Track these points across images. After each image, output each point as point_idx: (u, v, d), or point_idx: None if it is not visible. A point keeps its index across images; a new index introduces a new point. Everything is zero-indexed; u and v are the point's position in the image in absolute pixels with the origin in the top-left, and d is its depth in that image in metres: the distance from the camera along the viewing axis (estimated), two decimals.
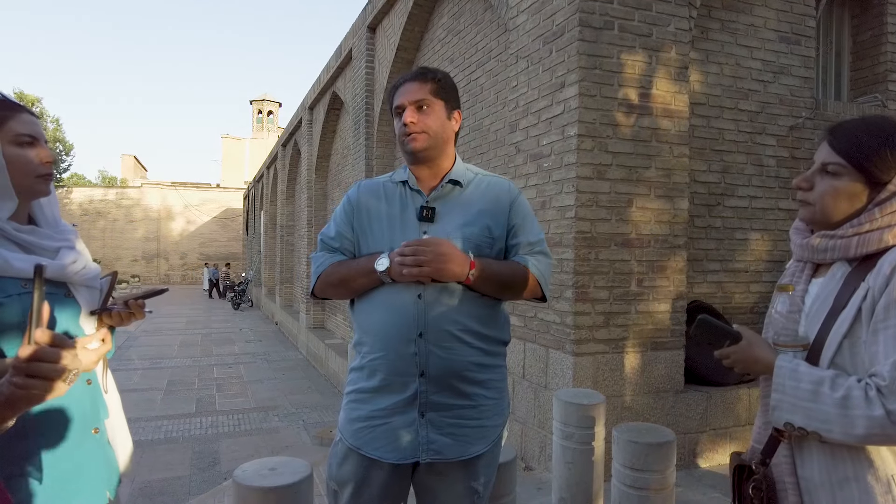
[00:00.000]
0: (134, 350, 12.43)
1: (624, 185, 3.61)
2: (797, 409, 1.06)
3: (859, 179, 1.07)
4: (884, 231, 1.05)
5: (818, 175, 1.12)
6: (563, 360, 3.61)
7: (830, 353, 1.08)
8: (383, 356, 1.47)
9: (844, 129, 1.11)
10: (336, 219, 1.62)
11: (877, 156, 1.06)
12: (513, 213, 1.57)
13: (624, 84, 3.60)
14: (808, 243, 1.14)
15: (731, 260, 4.37)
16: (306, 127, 12.96)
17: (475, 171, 1.64)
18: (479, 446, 1.50)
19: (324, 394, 9.11)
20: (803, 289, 1.19)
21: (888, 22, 4.87)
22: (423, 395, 1.45)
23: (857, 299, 1.06)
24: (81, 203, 33.26)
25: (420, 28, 6.88)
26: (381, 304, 1.48)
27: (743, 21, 4.33)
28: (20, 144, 1.23)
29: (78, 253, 1.34)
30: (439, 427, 1.46)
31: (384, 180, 1.63)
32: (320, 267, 1.57)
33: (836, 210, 1.10)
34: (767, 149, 4.44)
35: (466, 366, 1.47)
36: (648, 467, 2.39)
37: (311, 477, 2.04)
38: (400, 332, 1.44)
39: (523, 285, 1.54)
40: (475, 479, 1.52)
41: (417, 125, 1.51)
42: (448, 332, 1.44)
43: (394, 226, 1.53)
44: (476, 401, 1.49)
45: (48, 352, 0.81)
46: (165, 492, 5.20)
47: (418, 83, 1.54)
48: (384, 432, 1.47)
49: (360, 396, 1.52)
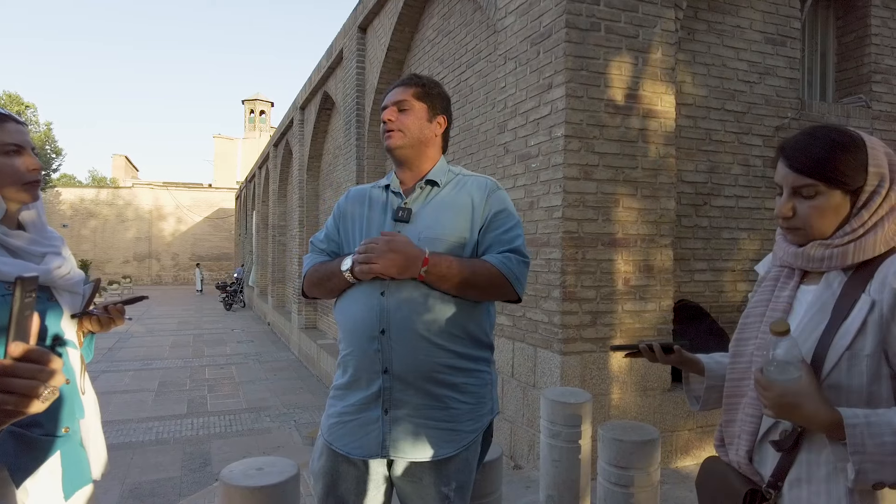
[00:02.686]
0: (125, 351, 12.37)
1: (611, 186, 3.64)
2: (886, 465, 0.97)
3: (835, 192, 1.07)
4: (877, 232, 1.06)
5: (795, 199, 1.11)
6: (551, 358, 3.64)
7: (829, 367, 1.05)
8: (351, 352, 1.52)
9: (798, 148, 1.09)
10: (326, 224, 1.72)
11: (842, 166, 1.06)
12: (487, 208, 1.54)
13: (610, 85, 3.63)
14: (805, 253, 1.12)
15: (718, 259, 4.41)
16: (298, 127, 12.94)
17: (457, 172, 1.64)
18: (447, 449, 1.47)
19: (316, 394, 9.11)
20: (790, 294, 1.17)
21: (872, 24, 4.93)
22: (386, 391, 1.46)
23: (860, 312, 1.04)
24: (72, 203, 33.05)
25: (410, 28, 6.89)
26: (351, 302, 1.53)
27: (729, 22, 4.37)
28: (7, 153, 1.26)
29: (63, 259, 1.38)
30: (402, 425, 1.46)
31: (372, 186, 1.69)
32: (306, 267, 1.66)
33: (826, 225, 1.09)
34: (754, 149, 4.49)
35: (435, 367, 1.45)
36: (633, 465, 2.42)
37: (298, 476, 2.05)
38: (364, 328, 1.47)
39: (489, 284, 1.48)
40: (446, 483, 1.48)
41: (395, 123, 1.58)
42: (413, 331, 1.44)
43: (370, 228, 1.57)
44: (446, 403, 1.47)
45: (20, 367, 0.76)
46: (156, 493, 5.18)
47: (403, 87, 1.63)
48: (352, 428, 1.50)
49: (337, 393, 1.57)
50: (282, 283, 16.52)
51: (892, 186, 1.07)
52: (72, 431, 1.32)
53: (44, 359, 0.79)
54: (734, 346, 1.24)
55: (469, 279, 1.46)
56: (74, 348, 1.38)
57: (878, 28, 4.96)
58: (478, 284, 1.48)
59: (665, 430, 3.74)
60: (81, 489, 1.35)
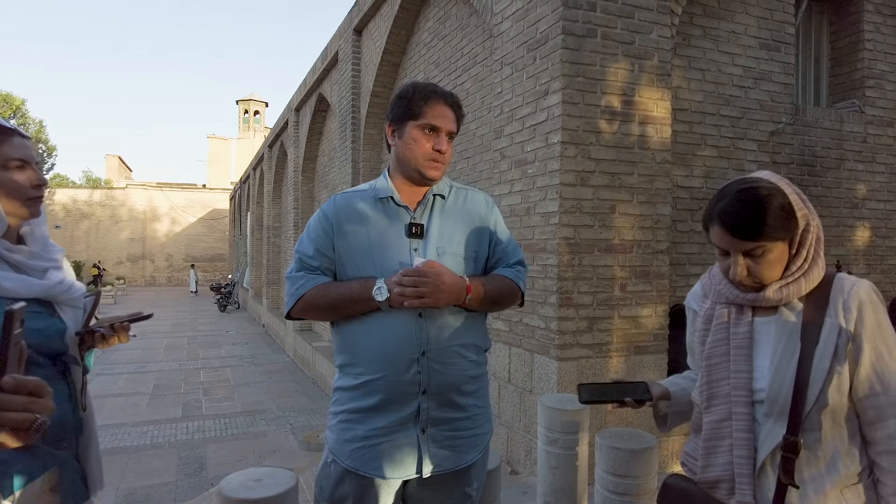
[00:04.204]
0: (119, 354, 12.31)
1: (607, 192, 3.65)
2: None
3: (778, 243, 1.17)
4: (817, 262, 1.19)
5: (748, 261, 1.19)
6: (547, 364, 3.65)
7: (817, 390, 1.13)
8: (382, 377, 1.44)
9: (738, 216, 1.17)
10: (312, 236, 1.54)
11: (780, 222, 1.15)
12: (492, 223, 1.63)
13: (607, 91, 3.64)
14: (764, 297, 1.20)
15: (713, 263, 4.42)
16: (293, 128, 12.91)
17: (448, 183, 1.65)
18: (472, 454, 1.53)
19: (311, 397, 9.09)
20: (747, 329, 1.23)
21: (865, 29, 4.97)
22: (424, 412, 1.46)
23: (830, 336, 1.15)
24: (65, 204, 32.89)
25: (406, 31, 6.89)
26: (378, 326, 1.45)
27: (724, 28, 4.39)
28: (10, 168, 1.25)
29: (64, 273, 1.37)
30: (439, 441, 1.48)
31: (361, 196, 1.57)
32: (301, 289, 1.49)
33: (777, 272, 1.19)
34: (749, 154, 4.51)
35: (463, 379, 1.50)
36: (630, 473, 2.43)
37: (297, 488, 2.05)
38: (401, 352, 1.43)
39: (509, 297, 1.61)
40: (469, 485, 1.55)
41: (446, 156, 1.53)
42: (450, 350, 1.48)
43: (383, 246, 1.49)
44: (470, 412, 1.53)
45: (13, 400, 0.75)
46: (151, 498, 5.17)
47: (454, 113, 1.56)
48: (384, 450, 1.45)
49: (354, 416, 1.48)
50: (276, 284, 16.47)
51: (811, 219, 1.19)
52: (70, 448, 1.31)
53: (39, 391, 0.78)
54: (707, 389, 1.27)
55: (497, 297, 1.57)
56: (77, 364, 1.37)
57: (871, 33, 5.00)
58: (503, 301, 1.60)
59: (660, 437, 3.75)
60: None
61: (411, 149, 1.51)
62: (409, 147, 1.52)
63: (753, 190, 1.17)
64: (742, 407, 1.21)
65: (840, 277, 1.20)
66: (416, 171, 1.53)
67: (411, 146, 1.51)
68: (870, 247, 5.07)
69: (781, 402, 1.15)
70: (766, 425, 1.18)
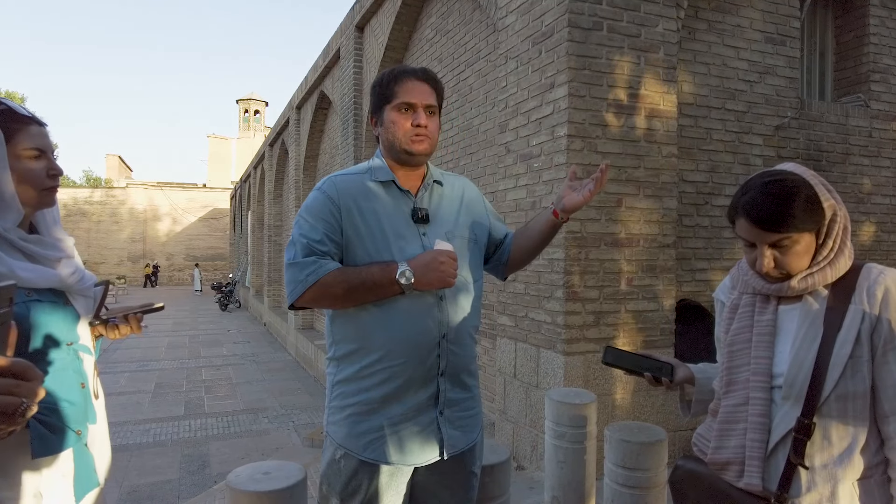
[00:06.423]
0: (121, 352, 12.29)
1: (613, 186, 3.63)
2: None
3: (805, 234, 1.17)
4: (843, 252, 1.18)
5: (774, 252, 1.19)
6: (553, 359, 3.63)
7: (836, 374, 1.13)
8: (403, 363, 1.42)
9: (763, 209, 1.16)
10: (317, 218, 1.45)
11: (807, 214, 1.15)
12: (486, 209, 1.72)
13: (613, 84, 3.62)
14: (790, 286, 1.20)
15: (720, 258, 4.41)
16: (294, 126, 12.89)
17: (439, 170, 1.68)
18: (475, 433, 1.58)
19: (313, 395, 9.07)
20: (771, 318, 1.24)
21: (870, 23, 4.95)
22: (442, 393, 1.48)
23: (853, 322, 1.14)
24: (65, 203, 32.85)
25: (408, 27, 6.87)
26: (400, 312, 1.43)
27: (729, 22, 4.37)
28: (28, 158, 1.24)
29: (77, 262, 1.37)
30: (453, 422, 1.51)
31: (360, 178, 1.51)
32: (313, 274, 1.39)
33: (804, 263, 1.19)
34: (754, 148, 4.49)
35: (471, 360, 1.55)
36: (640, 466, 2.41)
37: (306, 481, 2.03)
38: (425, 336, 1.44)
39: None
40: (474, 464, 1.58)
41: (429, 129, 1.50)
42: (466, 331, 1.52)
43: (396, 229, 1.47)
44: (473, 391, 1.58)
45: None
46: (154, 496, 5.15)
47: (429, 87, 1.52)
48: (404, 437, 1.44)
49: (365, 408, 1.45)
50: (278, 283, 16.45)
51: (838, 209, 1.18)
52: (82, 434, 1.30)
53: (26, 374, 0.74)
54: (726, 375, 1.28)
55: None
56: (89, 353, 1.37)
57: (877, 27, 4.98)
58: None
59: (669, 430, 3.70)
60: (90, 492, 1.33)
61: (392, 131, 1.49)
62: (389, 130, 1.50)
63: (779, 182, 1.17)
64: (760, 392, 1.20)
65: (868, 267, 1.20)
66: (402, 152, 1.50)
67: (391, 128, 1.49)
68: (875, 241, 5.05)
69: (799, 386, 1.15)
70: (783, 409, 1.18)
